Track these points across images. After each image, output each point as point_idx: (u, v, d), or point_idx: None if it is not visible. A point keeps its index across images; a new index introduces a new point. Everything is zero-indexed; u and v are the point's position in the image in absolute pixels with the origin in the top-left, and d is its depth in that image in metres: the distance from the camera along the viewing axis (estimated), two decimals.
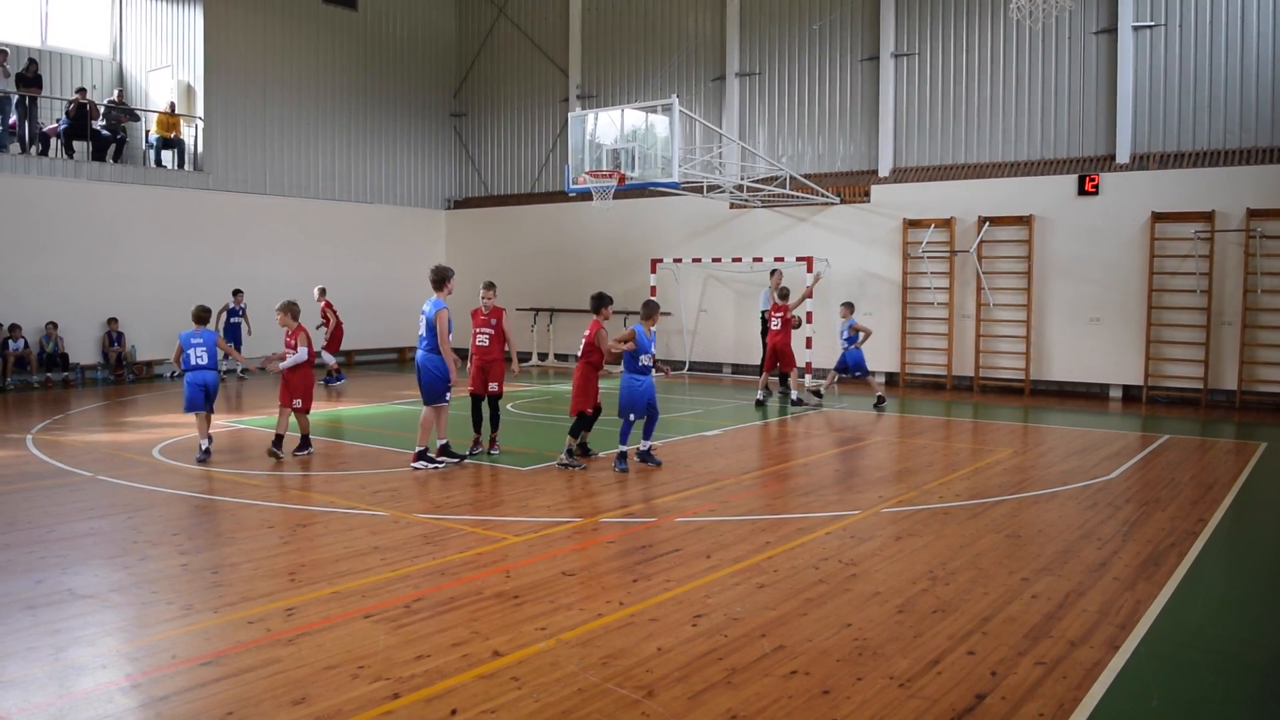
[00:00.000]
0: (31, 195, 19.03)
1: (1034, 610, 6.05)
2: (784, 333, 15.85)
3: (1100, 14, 17.98)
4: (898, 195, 19.89)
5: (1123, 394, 17.79)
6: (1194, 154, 17.23)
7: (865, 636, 5.59)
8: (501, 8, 26.65)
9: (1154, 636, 5.64)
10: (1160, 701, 4.81)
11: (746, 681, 4.95)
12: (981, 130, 19.36)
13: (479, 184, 27.65)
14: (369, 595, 6.28)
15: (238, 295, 20.52)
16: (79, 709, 4.61)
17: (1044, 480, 10.23)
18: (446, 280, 10.69)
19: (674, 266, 22.14)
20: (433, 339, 10.45)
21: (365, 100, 25.54)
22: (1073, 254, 18.04)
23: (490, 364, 11.39)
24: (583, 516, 8.51)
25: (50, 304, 19.13)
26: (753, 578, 6.69)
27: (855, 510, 8.80)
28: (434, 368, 10.51)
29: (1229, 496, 9.53)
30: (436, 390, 10.55)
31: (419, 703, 4.68)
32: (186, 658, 5.23)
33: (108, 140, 20.98)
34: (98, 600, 6.23)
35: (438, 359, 10.48)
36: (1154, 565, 7.07)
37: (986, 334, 18.99)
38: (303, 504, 8.87)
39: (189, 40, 22.30)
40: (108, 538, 7.76)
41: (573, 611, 5.99)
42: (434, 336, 10.44)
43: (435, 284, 10.63)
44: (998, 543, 7.65)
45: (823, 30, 21.15)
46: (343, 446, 12.45)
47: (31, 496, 9.25)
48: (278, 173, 23.55)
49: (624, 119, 18.11)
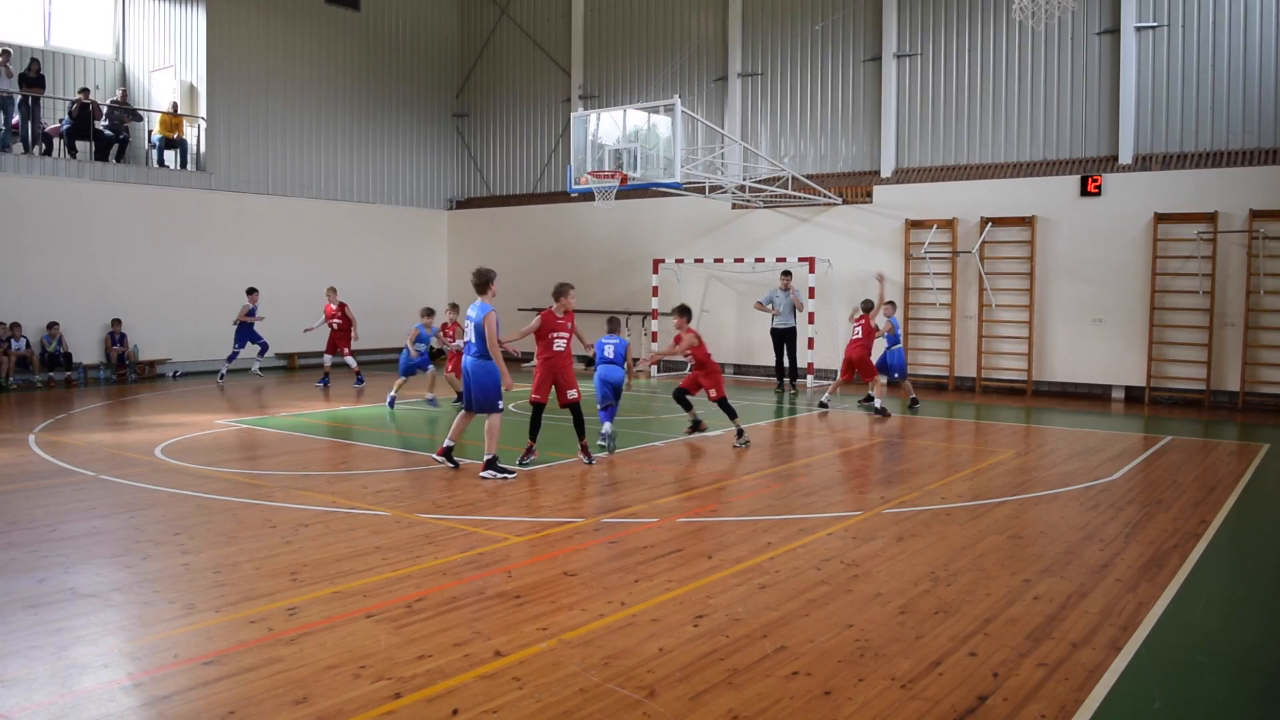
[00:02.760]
0: (34, 195, 19.05)
1: (1036, 612, 6.05)
2: (864, 342, 15.30)
3: (1103, 15, 17.96)
4: (900, 196, 19.88)
5: (1125, 395, 17.77)
6: (1197, 155, 17.21)
7: (867, 637, 5.59)
8: (504, 8, 26.66)
9: (1156, 638, 5.64)
10: (1163, 704, 4.81)
11: (748, 682, 4.95)
12: (984, 131, 19.34)
13: (481, 184, 27.66)
14: (371, 595, 6.28)
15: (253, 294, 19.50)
16: (81, 708, 4.61)
17: (1046, 481, 10.23)
18: (490, 282, 10.22)
19: (676, 267, 22.13)
20: (482, 344, 10.04)
21: (368, 100, 25.56)
22: (1075, 255, 18.02)
23: (563, 369, 10.92)
24: (584, 517, 8.51)
25: (52, 304, 19.15)
26: (754, 578, 6.69)
27: (857, 511, 8.79)
28: (485, 374, 10.11)
29: (1232, 498, 9.52)
30: (491, 397, 10.14)
31: (420, 702, 4.68)
32: (188, 657, 5.23)
33: (110, 140, 20.99)
34: (100, 599, 6.23)
35: (490, 364, 10.08)
36: (1156, 567, 7.06)
37: (989, 335, 18.98)
38: (305, 504, 8.87)
39: (192, 40, 22.33)
40: (110, 537, 7.77)
41: (574, 612, 5.98)
42: (483, 342, 10.03)
43: (479, 287, 10.20)
44: (1000, 544, 7.65)
45: (825, 31, 21.14)
46: (344, 446, 12.45)
47: (34, 496, 9.26)
48: (280, 173, 23.57)
49: (626, 119, 18.10)
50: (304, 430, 13.63)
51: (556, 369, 10.84)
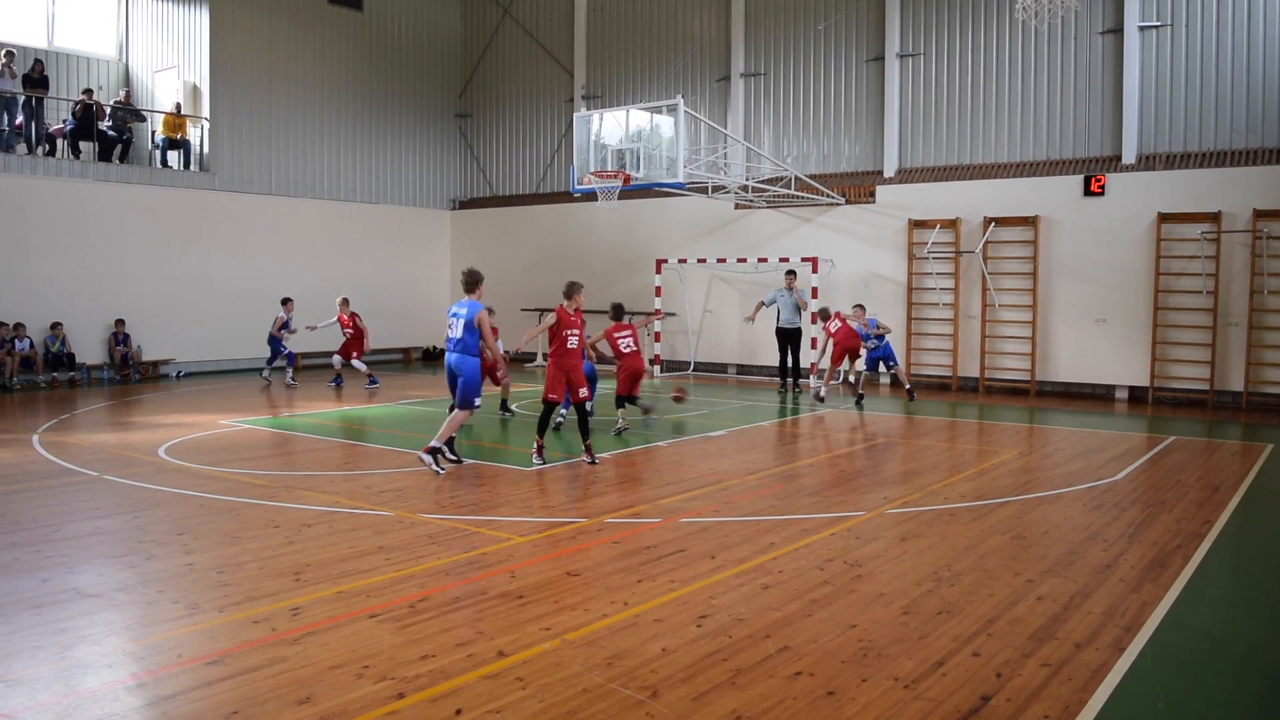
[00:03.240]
0: (38, 196, 19.08)
1: (1039, 612, 6.04)
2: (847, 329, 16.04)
3: (1106, 14, 17.95)
4: (903, 196, 19.86)
5: (1129, 395, 17.76)
6: (1200, 154, 17.19)
7: (870, 638, 5.58)
8: (507, 8, 26.66)
9: (1160, 639, 5.63)
10: (1166, 704, 4.80)
11: (751, 682, 4.94)
12: (987, 131, 19.33)
13: (484, 184, 27.67)
14: (374, 595, 6.29)
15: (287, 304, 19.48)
16: (84, 707, 4.62)
17: (1049, 481, 10.22)
18: (479, 283, 10.56)
19: (679, 267, 22.14)
20: (471, 340, 10.30)
21: (370, 101, 25.57)
22: (1078, 255, 18.01)
23: (575, 368, 11.02)
24: (587, 517, 8.51)
25: (56, 304, 19.17)
26: (757, 579, 6.68)
27: (860, 511, 8.79)
28: (472, 370, 10.36)
29: (1235, 498, 9.51)
30: (473, 394, 10.39)
31: (424, 702, 4.68)
32: (192, 657, 5.24)
33: (114, 141, 21.02)
34: (103, 599, 6.24)
35: (475, 360, 10.38)
36: (1160, 567, 7.05)
37: (992, 335, 18.96)
38: (308, 504, 8.88)
39: (195, 41, 22.35)
40: (113, 537, 7.78)
41: (577, 612, 5.99)
42: (473, 337, 10.29)
43: (469, 286, 10.47)
44: (1003, 544, 7.64)
45: (828, 31, 21.13)
46: (347, 446, 12.46)
47: (37, 496, 9.27)
48: (283, 173, 23.59)
49: (629, 119, 18.11)
50: (308, 430, 13.64)
51: (569, 368, 10.94)
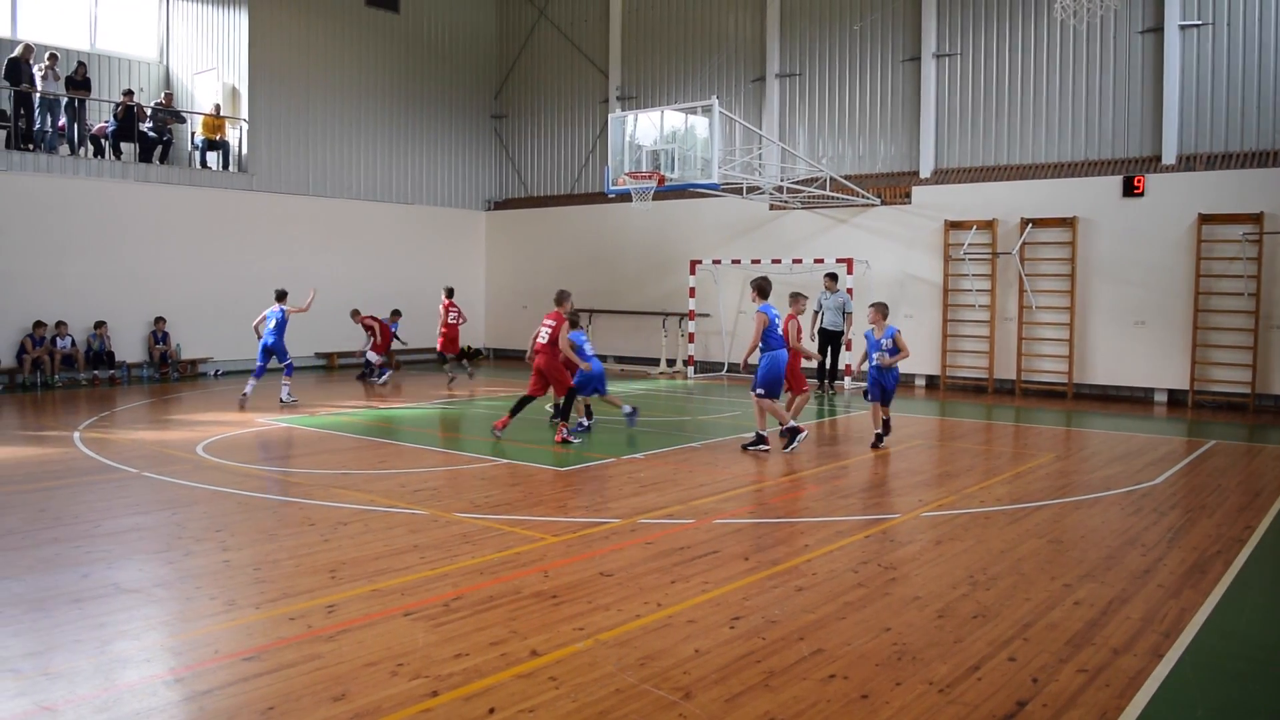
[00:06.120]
0: (80, 196, 19.37)
1: (1076, 617, 5.98)
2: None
3: (1146, 13, 17.73)
4: (939, 196, 19.72)
5: (1168, 398, 17.53)
6: (1242, 155, 16.94)
7: (904, 641, 5.55)
8: (542, 9, 26.75)
9: (1199, 645, 5.55)
10: (1205, 711, 4.73)
11: (784, 684, 4.93)
12: (1024, 131, 19.15)
13: (519, 185, 27.77)
14: (408, 593, 6.32)
15: (396, 315, 21.17)
16: (123, 701, 4.68)
17: (1087, 485, 10.10)
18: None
19: (713, 268, 22.11)
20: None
21: (406, 102, 25.75)
22: (1117, 256, 17.80)
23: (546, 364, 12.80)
24: (621, 517, 8.52)
25: (97, 303, 19.47)
26: (791, 580, 6.66)
27: (895, 514, 8.74)
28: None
29: (1277, 503, 9.35)
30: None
31: (457, 700, 4.70)
32: (229, 653, 5.29)
33: (154, 142, 21.30)
34: (142, 595, 6.32)
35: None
36: (1200, 573, 6.95)
37: (1029, 337, 18.78)
38: (343, 502, 8.94)
39: (234, 43, 22.60)
40: (152, 533, 7.88)
41: (610, 612, 5.99)
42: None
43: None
44: (1039, 548, 7.56)
45: (863, 31, 21.03)
46: (383, 445, 12.54)
47: (78, 492, 9.41)
48: (320, 174, 23.80)
49: (664, 120, 18.11)
50: (343, 429, 13.75)
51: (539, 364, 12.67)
